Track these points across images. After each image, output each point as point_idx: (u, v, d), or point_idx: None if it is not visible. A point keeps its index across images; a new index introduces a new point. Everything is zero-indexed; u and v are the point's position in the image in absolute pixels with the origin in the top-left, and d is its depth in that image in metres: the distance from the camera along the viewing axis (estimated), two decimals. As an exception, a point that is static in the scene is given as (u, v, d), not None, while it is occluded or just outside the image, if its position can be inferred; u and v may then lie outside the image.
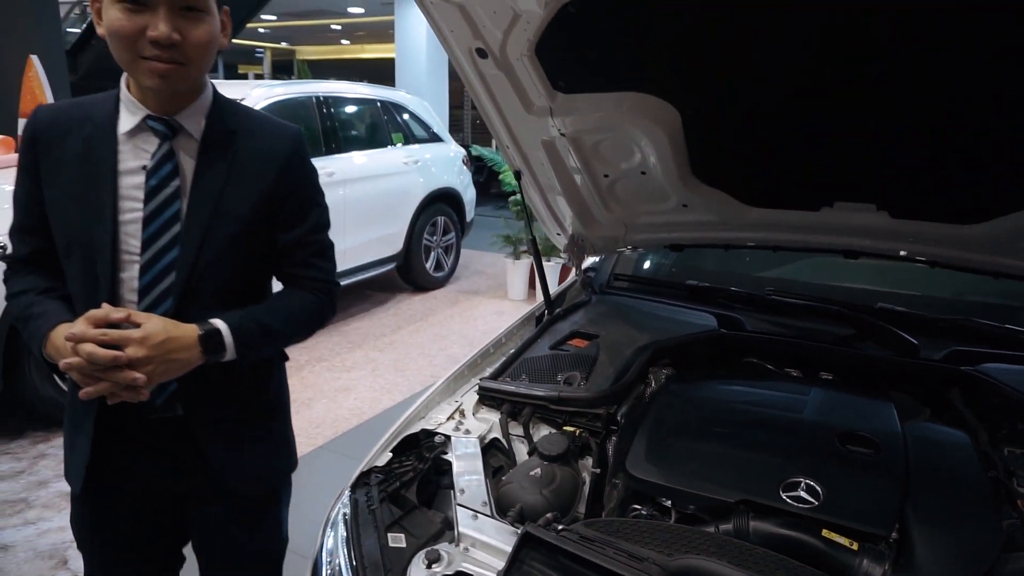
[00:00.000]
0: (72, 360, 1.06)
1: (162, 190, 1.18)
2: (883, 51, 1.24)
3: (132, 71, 1.13)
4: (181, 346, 1.14)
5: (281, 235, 1.28)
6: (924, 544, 1.11)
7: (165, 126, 1.18)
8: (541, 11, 1.29)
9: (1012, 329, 1.65)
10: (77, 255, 1.19)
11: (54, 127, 1.20)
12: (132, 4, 1.08)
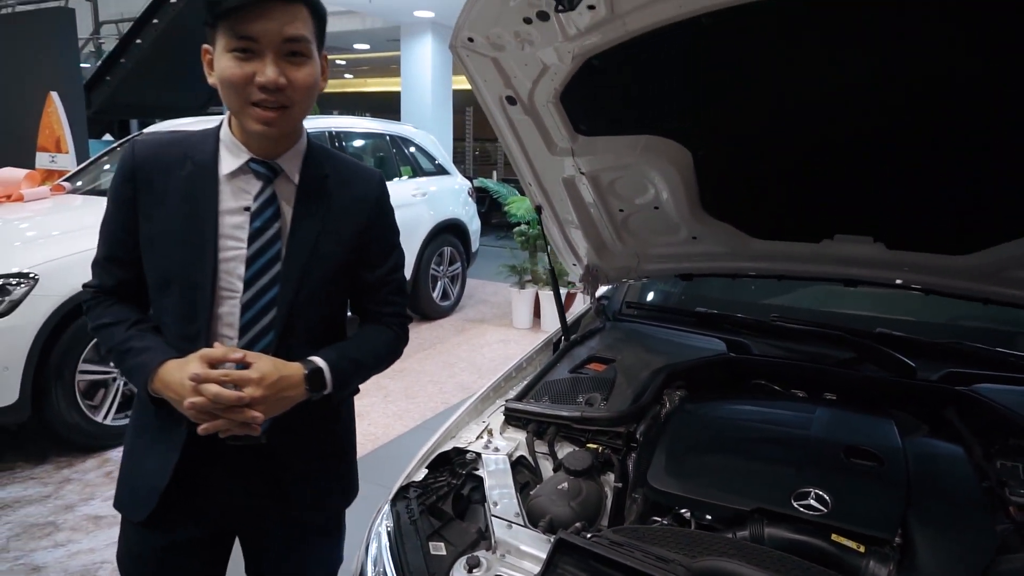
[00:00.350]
0: (196, 400, 1.12)
1: (265, 231, 1.23)
2: (879, 102, 1.37)
3: (240, 116, 1.19)
4: (290, 384, 1.20)
5: (366, 274, 1.34)
6: (925, 547, 1.21)
7: (267, 169, 1.24)
8: (568, 65, 1.43)
9: (1003, 352, 1.77)
10: (175, 289, 1.22)
11: (155, 163, 1.23)
12: (242, 53, 1.13)
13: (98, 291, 1.28)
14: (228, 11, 1.11)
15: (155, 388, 1.19)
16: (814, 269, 1.88)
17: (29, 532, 2.75)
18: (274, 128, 1.18)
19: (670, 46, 1.34)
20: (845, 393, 1.76)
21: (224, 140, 1.25)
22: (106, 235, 1.28)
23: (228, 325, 1.23)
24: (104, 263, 1.27)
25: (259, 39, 1.12)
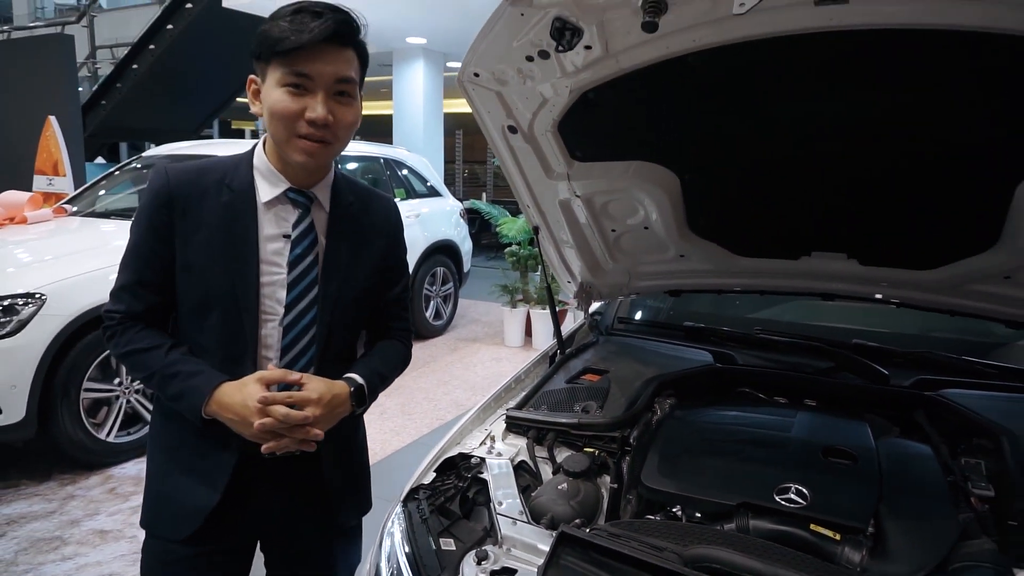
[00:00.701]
0: (266, 421, 1.19)
1: (305, 258, 1.30)
2: (849, 133, 1.52)
3: (285, 147, 1.23)
4: (340, 402, 1.30)
5: (385, 293, 1.44)
6: (895, 535, 1.33)
7: (304, 198, 1.30)
8: (565, 97, 1.56)
9: (968, 360, 1.91)
10: (217, 312, 1.26)
11: (191, 190, 1.27)
12: (295, 88, 1.19)
13: (125, 317, 1.29)
14: (290, 50, 1.17)
15: (210, 411, 1.23)
16: (794, 284, 2.01)
17: (36, 546, 2.81)
18: (315, 160, 1.24)
19: (659, 81, 1.47)
20: (824, 399, 1.88)
21: (260, 168, 1.30)
22: (137, 260, 1.28)
23: (268, 347, 1.29)
24: (134, 288, 1.28)
25: (313, 77, 1.19)
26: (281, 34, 1.17)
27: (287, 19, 1.18)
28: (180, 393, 1.25)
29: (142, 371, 1.28)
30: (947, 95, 1.35)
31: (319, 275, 1.31)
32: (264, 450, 1.21)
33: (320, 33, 1.16)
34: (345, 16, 1.21)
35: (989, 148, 1.42)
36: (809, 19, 1.22)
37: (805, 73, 1.41)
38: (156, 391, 1.30)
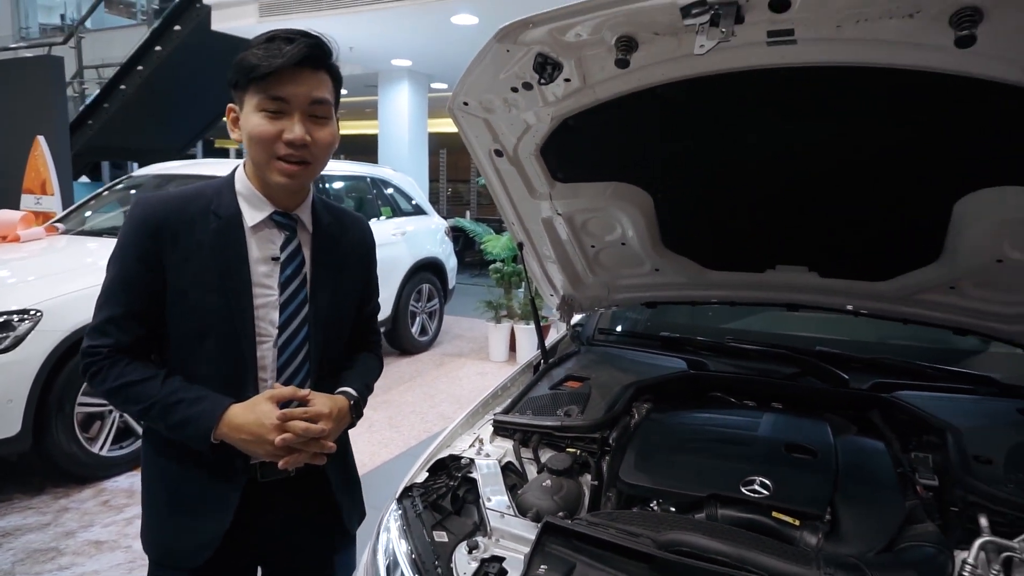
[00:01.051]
0: (287, 436, 1.23)
1: (295, 278, 1.34)
2: (807, 157, 1.67)
3: (265, 169, 1.27)
4: (344, 415, 1.36)
5: (364, 308, 1.51)
6: (848, 520, 1.47)
7: (289, 220, 1.35)
8: (547, 124, 1.70)
9: (919, 364, 2.07)
10: (214, 337, 1.27)
11: (178, 218, 1.28)
12: (272, 112, 1.23)
13: (112, 351, 1.26)
14: (264, 76, 1.21)
15: (220, 434, 1.25)
16: (760, 296, 2.16)
17: (33, 557, 2.87)
18: (296, 181, 1.28)
19: (632, 110, 1.62)
20: (789, 402, 2.03)
21: (243, 193, 1.32)
22: (125, 292, 1.27)
23: (263, 368, 1.32)
24: (121, 321, 1.26)
25: (289, 100, 1.23)
26: (256, 61, 1.21)
27: (261, 47, 1.23)
28: (186, 420, 1.24)
29: (137, 403, 1.26)
30: (889, 125, 1.51)
31: (308, 295, 1.35)
32: (281, 465, 1.25)
33: (293, 57, 1.20)
34: (316, 40, 1.25)
35: (928, 171, 1.57)
36: (763, 57, 1.37)
37: (764, 103, 1.56)
38: (155, 422, 1.28)
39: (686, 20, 1.27)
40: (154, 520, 1.37)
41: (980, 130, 1.40)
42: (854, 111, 1.51)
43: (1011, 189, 1.50)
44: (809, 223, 1.90)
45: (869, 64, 1.32)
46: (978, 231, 1.63)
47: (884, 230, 1.81)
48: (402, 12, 5.50)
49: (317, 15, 5.72)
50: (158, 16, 7.93)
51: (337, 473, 1.47)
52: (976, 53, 1.16)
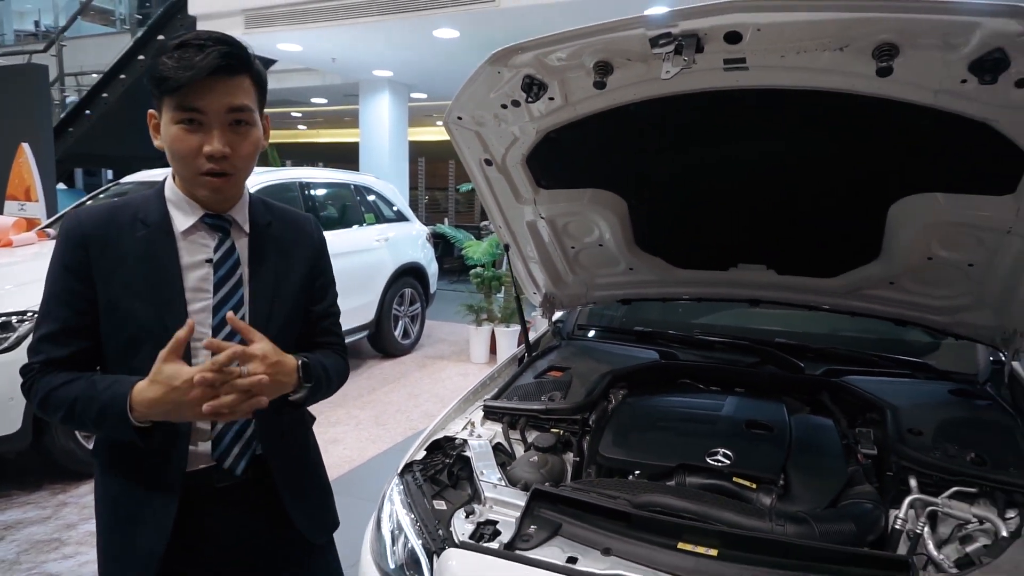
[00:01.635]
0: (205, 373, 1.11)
1: (228, 280, 1.30)
2: (763, 166, 1.89)
3: (190, 184, 1.26)
4: (285, 371, 1.24)
5: (313, 308, 1.45)
6: (798, 484, 1.68)
7: (223, 221, 1.31)
8: (532, 136, 1.90)
9: (866, 353, 2.30)
10: (149, 345, 1.20)
11: (106, 228, 1.25)
12: (189, 124, 1.19)
13: (44, 365, 1.23)
14: (176, 88, 1.16)
15: (139, 414, 1.16)
16: (725, 291, 2.38)
17: (37, 547, 2.99)
18: (222, 193, 1.27)
19: (608, 124, 1.82)
20: (750, 387, 2.24)
21: (172, 199, 1.30)
22: (58, 307, 1.24)
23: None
24: (56, 336, 1.23)
25: (205, 111, 1.18)
26: (167, 72, 1.16)
27: (172, 55, 1.17)
28: (103, 410, 1.18)
29: (62, 407, 1.21)
30: (829, 139, 1.74)
31: (245, 296, 1.32)
32: (205, 409, 1.13)
33: (204, 68, 1.15)
34: (229, 47, 1.19)
35: (864, 179, 1.80)
36: (721, 80, 1.58)
37: (723, 119, 1.78)
38: (82, 425, 1.26)
39: (654, 49, 1.48)
40: (101, 538, 1.35)
41: (903, 143, 1.63)
42: (799, 127, 1.74)
43: (935, 195, 1.73)
44: (766, 225, 2.12)
45: (810, 87, 1.54)
46: (910, 232, 1.86)
47: (831, 231, 2.03)
48: (386, 26, 5.69)
49: (302, 27, 5.89)
50: (141, 25, 7.99)
51: (286, 482, 1.40)
52: (894, 80, 1.39)
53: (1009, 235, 1.71)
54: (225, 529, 1.35)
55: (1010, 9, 1.20)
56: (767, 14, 1.37)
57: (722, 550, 1.43)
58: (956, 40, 1.28)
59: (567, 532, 1.56)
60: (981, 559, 1.44)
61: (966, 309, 2.03)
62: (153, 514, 1.27)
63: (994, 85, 1.32)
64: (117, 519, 1.31)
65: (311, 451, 1.52)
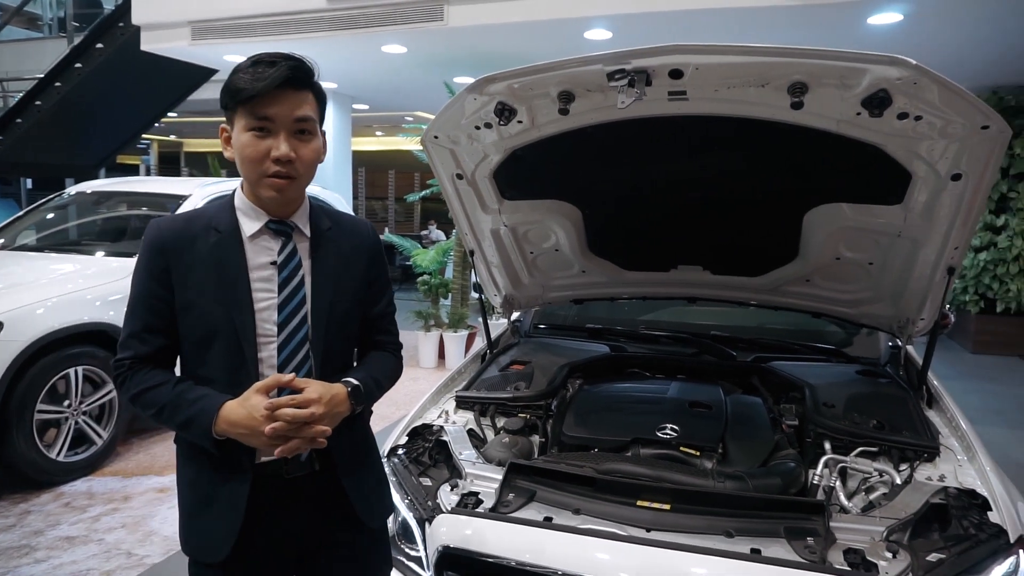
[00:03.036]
0: (276, 425, 1.26)
1: (292, 280, 1.40)
2: (697, 181, 2.19)
3: (257, 186, 1.37)
4: (339, 401, 1.37)
5: (370, 309, 1.55)
6: (734, 450, 1.98)
7: (285, 227, 1.43)
8: (500, 154, 2.15)
9: (789, 342, 2.65)
10: (220, 342, 1.35)
11: (182, 236, 1.38)
12: (259, 131, 1.32)
13: (133, 361, 1.37)
14: (250, 98, 1.30)
15: (220, 430, 1.31)
16: (666, 290, 2.68)
17: (7, 553, 3.02)
18: (284, 195, 1.37)
19: (568, 144, 2.08)
20: (690, 373, 2.55)
21: (240, 207, 1.42)
22: (140, 308, 1.38)
23: (269, 367, 1.39)
24: (141, 334, 1.37)
25: (274, 119, 1.31)
26: (242, 84, 1.30)
27: (247, 71, 1.31)
28: (189, 419, 1.32)
29: (152, 407, 1.35)
30: (754, 158, 2.05)
31: (307, 295, 1.42)
32: (277, 454, 1.29)
33: (275, 80, 1.29)
34: (298, 62, 1.34)
35: (783, 192, 2.12)
36: (666, 108, 1.86)
37: (667, 140, 2.06)
38: (167, 424, 1.37)
39: (611, 82, 1.75)
40: (182, 519, 1.46)
41: (814, 162, 1.96)
42: (731, 148, 2.04)
43: (841, 205, 2.07)
44: (702, 231, 2.43)
45: (739, 115, 1.84)
46: (821, 236, 2.19)
47: (756, 236, 2.36)
48: (335, 41, 5.83)
49: (249, 40, 5.96)
50: (79, 32, 7.83)
51: (349, 471, 1.49)
52: (805, 112, 1.70)
53: (900, 238, 2.06)
54: (291, 516, 1.44)
55: (890, 59, 1.52)
56: (704, 56, 1.65)
57: (674, 504, 1.70)
58: (851, 82, 1.60)
59: (541, 498, 1.80)
60: (880, 503, 1.77)
61: (868, 302, 2.38)
62: (228, 495, 1.37)
63: (881, 117, 1.65)
64: (196, 501, 1.42)
65: (369, 441, 1.60)
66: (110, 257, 4.47)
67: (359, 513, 1.50)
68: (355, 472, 1.51)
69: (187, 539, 1.45)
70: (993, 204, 7.55)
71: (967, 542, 1.53)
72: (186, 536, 1.45)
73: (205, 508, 1.40)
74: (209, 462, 1.38)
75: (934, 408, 2.24)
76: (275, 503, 1.41)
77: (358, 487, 1.50)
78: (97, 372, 3.91)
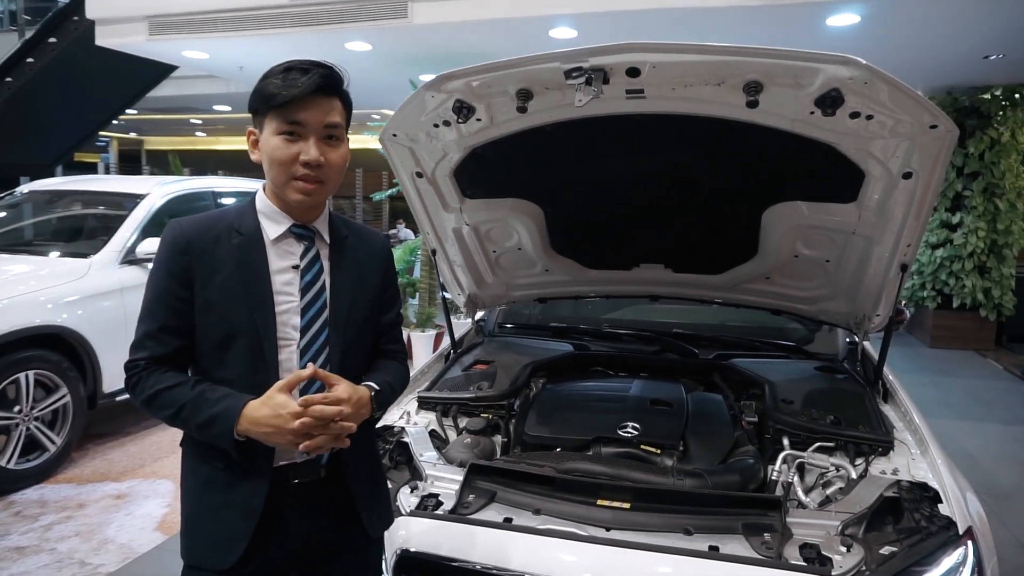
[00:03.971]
0: (306, 420, 1.25)
1: (314, 284, 1.41)
2: (656, 182, 2.20)
3: (284, 188, 1.36)
4: (363, 403, 1.37)
5: (382, 317, 1.55)
6: (695, 447, 1.99)
7: (308, 231, 1.43)
8: (460, 152, 2.13)
9: (749, 340, 2.67)
10: (241, 343, 1.35)
11: (205, 236, 1.37)
12: (289, 135, 1.33)
13: (149, 362, 1.35)
14: (283, 103, 1.31)
15: (242, 429, 1.29)
16: (629, 289, 2.69)
17: (-45, 565, 2.92)
18: (312, 199, 1.38)
19: (527, 142, 2.07)
20: (652, 371, 2.56)
21: (263, 211, 1.43)
22: (159, 307, 1.36)
23: (287, 370, 1.37)
24: (158, 334, 1.36)
25: (305, 124, 1.33)
26: (275, 90, 1.31)
27: (279, 76, 1.33)
28: (211, 419, 1.30)
29: (169, 408, 1.33)
30: (712, 156, 2.06)
31: (328, 300, 1.44)
32: (301, 448, 1.28)
33: (308, 87, 1.31)
34: (329, 71, 1.36)
35: (741, 190, 2.14)
36: (624, 106, 1.86)
37: (626, 139, 2.07)
38: (185, 425, 1.35)
39: (568, 80, 1.75)
40: (187, 523, 1.43)
41: (771, 160, 1.98)
42: (689, 146, 2.05)
43: (798, 203, 2.09)
44: (663, 230, 2.44)
45: (696, 114, 1.85)
46: (779, 234, 2.21)
47: (716, 234, 2.37)
48: (297, 37, 5.74)
49: (210, 36, 5.84)
50: (30, 27, 7.60)
51: (360, 479, 1.50)
52: (761, 110, 1.72)
53: (854, 235, 2.09)
54: (298, 523, 1.42)
55: (842, 59, 1.54)
56: (660, 54, 1.66)
57: (634, 503, 1.70)
58: (804, 81, 1.61)
59: (502, 498, 1.79)
60: (836, 497, 1.79)
61: (826, 299, 2.42)
62: (242, 499, 1.35)
63: (834, 116, 1.66)
64: (208, 502, 1.39)
65: (375, 449, 1.63)
66: (65, 258, 4.34)
67: (364, 522, 1.49)
68: (364, 479, 1.51)
69: (192, 546, 1.42)
70: (949, 202, 7.74)
71: (918, 535, 1.56)
72: (191, 543, 1.42)
73: (216, 513, 1.38)
74: (224, 465, 1.36)
75: (889, 403, 2.28)
76: (287, 508, 1.40)
77: (366, 495, 1.51)
78: (50, 376, 3.79)
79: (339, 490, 1.46)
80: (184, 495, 1.45)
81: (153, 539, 3.18)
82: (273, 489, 1.37)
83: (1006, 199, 7.50)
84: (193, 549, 1.42)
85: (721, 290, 2.57)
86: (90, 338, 3.93)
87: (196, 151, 17.33)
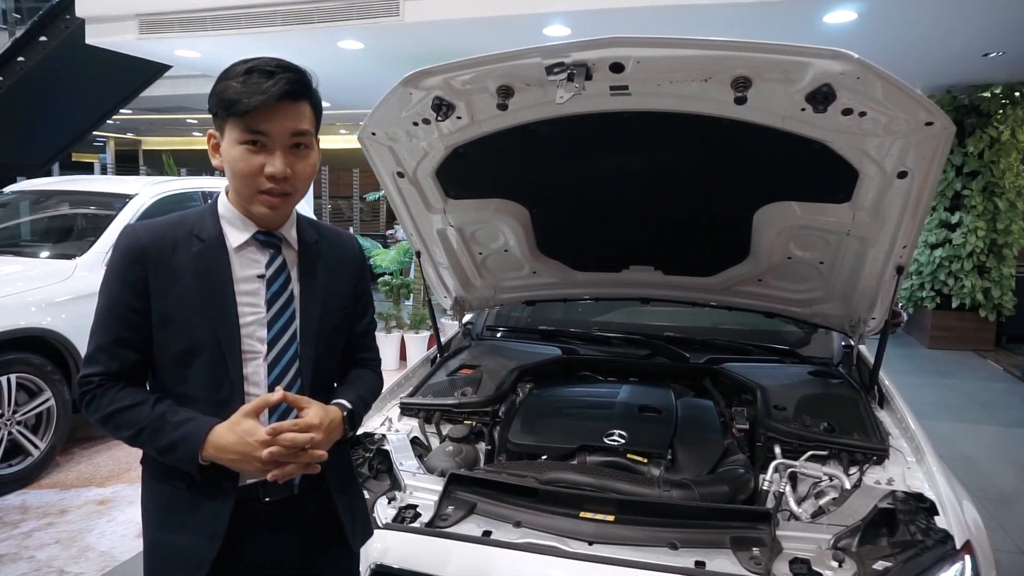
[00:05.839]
0: (274, 449, 1.18)
1: (281, 294, 1.32)
2: (646, 182, 2.13)
3: (249, 202, 1.27)
4: (335, 426, 1.30)
5: (355, 325, 1.47)
6: (683, 456, 1.92)
7: (274, 239, 1.34)
8: (441, 151, 2.06)
9: (741, 343, 2.60)
10: (203, 358, 1.26)
11: (162, 244, 1.28)
12: (252, 145, 1.22)
13: (103, 378, 1.26)
14: (245, 112, 1.19)
15: (207, 455, 1.21)
16: (619, 291, 2.62)
17: (-72, 575, 2.85)
18: (278, 212, 1.30)
19: (511, 141, 2.00)
20: (642, 376, 2.49)
21: (225, 216, 1.32)
22: (112, 319, 1.27)
23: (254, 384, 1.30)
24: (112, 348, 1.26)
25: (270, 134, 1.22)
26: (235, 96, 1.19)
27: (240, 79, 1.20)
28: (173, 443, 1.23)
29: (128, 429, 1.25)
30: (701, 154, 1.99)
31: (296, 310, 1.35)
32: (270, 478, 1.22)
33: (273, 94, 1.19)
34: (296, 74, 1.24)
35: (732, 190, 2.07)
36: (608, 103, 1.80)
37: (612, 137, 2.00)
38: (145, 447, 1.28)
39: (550, 76, 1.68)
40: (148, 545, 1.36)
41: (762, 159, 1.91)
42: (677, 145, 1.98)
43: (790, 203, 2.02)
44: (653, 231, 2.37)
45: (683, 111, 1.78)
46: (771, 235, 2.15)
47: (708, 235, 2.31)
48: (290, 36, 5.67)
49: (201, 34, 5.77)
50: (20, 25, 7.53)
51: (341, 491, 1.43)
52: (750, 107, 1.65)
53: (848, 236, 2.03)
54: (272, 539, 1.35)
55: (833, 53, 1.47)
56: (645, 49, 1.59)
57: (618, 515, 1.64)
58: (794, 76, 1.55)
59: (482, 510, 1.73)
60: (829, 508, 1.72)
61: (820, 301, 2.35)
62: (205, 521, 1.28)
63: (826, 113, 1.60)
64: (167, 526, 1.31)
65: (351, 461, 1.55)
66: (51, 259, 4.28)
67: (347, 534, 1.43)
68: (345, 492, 1.45)
69: (152, 566, 1.34)
70: (948, 201, 7.67)
71: (914, 548, 1.49)
72: (151, 563, 1.34)
73: (177, 533, 1.30)
74: (186, 485, 1.28)
75: (885, 408, 2.22)
76: (256, 526, 1.33)
77: (348, 507, 1.44)
78: (33, 380, 3.73)
79: (313, 505, 1.39)
80: (143, 512, 1.37)
81: (135, 546, 3.11)
82: (240, 509, 1.30)
83: (1006, 198, 7.42)
84: (154, 569, 1.34)
85: (713, 292, 2.50)
86: (75, 341, 3.86)
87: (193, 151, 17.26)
